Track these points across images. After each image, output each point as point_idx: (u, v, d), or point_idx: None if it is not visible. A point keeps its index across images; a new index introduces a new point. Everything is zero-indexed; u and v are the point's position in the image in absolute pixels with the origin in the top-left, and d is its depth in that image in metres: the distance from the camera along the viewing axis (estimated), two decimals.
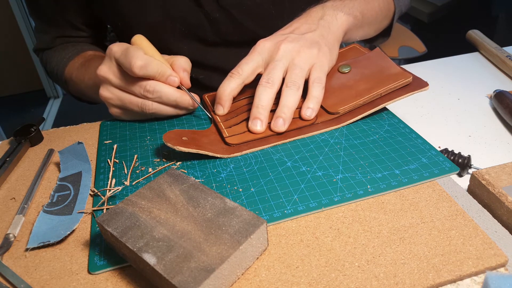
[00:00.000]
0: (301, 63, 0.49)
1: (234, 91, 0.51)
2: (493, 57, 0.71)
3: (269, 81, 0.48)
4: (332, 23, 0.55)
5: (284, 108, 0.48)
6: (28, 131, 0.54)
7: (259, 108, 0.48)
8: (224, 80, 0.51)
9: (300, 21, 0.55)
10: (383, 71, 0.52)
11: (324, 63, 0.51)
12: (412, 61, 1.28)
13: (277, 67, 0.49)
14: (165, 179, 0.38)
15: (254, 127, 0.48)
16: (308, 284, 0.32)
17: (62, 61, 0.69)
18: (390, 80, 0.50)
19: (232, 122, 0.50)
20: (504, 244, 0.35)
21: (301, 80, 0.49)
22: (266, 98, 0.48)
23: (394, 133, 0.48)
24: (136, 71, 0.47)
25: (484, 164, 0.48)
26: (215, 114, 0.52)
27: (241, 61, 0.51)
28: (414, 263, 0.33)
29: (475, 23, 0.88)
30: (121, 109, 0.54)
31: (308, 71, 0.50)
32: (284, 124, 0.48)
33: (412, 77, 0.50)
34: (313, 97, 0.49)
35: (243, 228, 0.33)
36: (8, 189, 0.46)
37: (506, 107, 0.55)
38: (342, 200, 0.39)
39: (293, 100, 0.48)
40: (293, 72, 0.49)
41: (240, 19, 0.65)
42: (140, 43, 0.53)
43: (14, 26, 2.53)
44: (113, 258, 0.35)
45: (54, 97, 2.79)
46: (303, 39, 0.51)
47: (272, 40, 0.52)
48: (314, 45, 0.51)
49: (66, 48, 0.70)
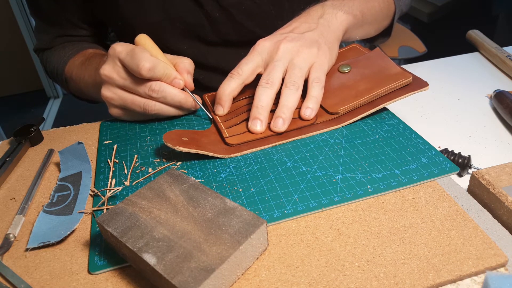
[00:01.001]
0: (300, 63, 0.49)
1: (234, 92, 0.51)
2: (493, 57, 0.71)
3: (268, 82, 0.48)
4: (332, 22, 0.55)
5: (283, 108, 0.48)
6: (28, 131, 0.54)
7: (258, 108, 0.48)
8: (224, 81, 0.51)
9: (299, 20, 0.55)
10: (383, 71, 0.52)
11: (323, 62, 0.51)
12: (412, 61, 1.27)
13: (277, 67, 0.49)
14: (165, 179, 0.38)
15: (254, 127, 0.48)
16: (308, 284, 0.32)
17: (62, 59, 0.68)
18: (390, 80, 0.50)
19: (232, 123, 0.50)
20: (504, 244, 0.35)
21: (300, 80, 0.49)
22: (265, 98, 0.48)
23: (394, 133, 0.48)
24: (144, 73, 0.48)
25: (484, 164, 0.48)
26: (215, 114, 0.52)
27: (240, 61, 0.51)
28: (414, 263, 0.33)
29: (475, 23, 0.88)
30: (122, 110, 0.54)
31: (307, 70, 0.50)
32: (283, 124, 0.48)
33: (412, 77, 0.50)
34: (312, 97, 0.49)
35: (243, 228, 0.33)
36: (8, 189, 0.46)
37: (506, 107, 0.55)
38: (342, 200, 0.39)
39: (292, 100, 0.48)
40: (293, 72, 0.49)
41: (240, 19, 0.65)
42: (144, 43, 0.53)
43: (14, 26, 2.53)
44: (113, 258, 0.35)
45: (54, 97, 2.79)
46: (302, 38, 0.51)
47: (272, 39, 0.52)
48: (314, 44, 0.51)
49: (66, 47, 0.70)
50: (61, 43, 0.71)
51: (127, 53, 0.49)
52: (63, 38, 0.71)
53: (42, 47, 0.73)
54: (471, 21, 1.50)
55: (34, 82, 2.77)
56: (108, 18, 0.68)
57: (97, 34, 0.74)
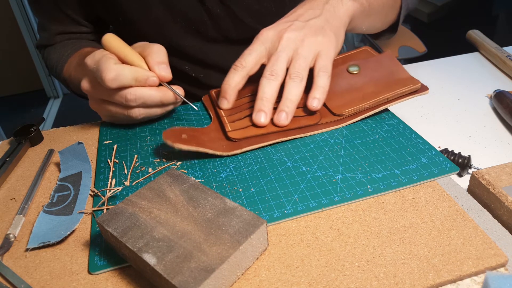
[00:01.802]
0: (305, 52, 0.48)
1: (239, 84, 0.50)
2: (493, 57, 0.71)
3: (272, 73, 0.47)
4: (338, 7, 0.53)
5: (286, 101, 0.47)
6: (28, 131, 0.54)
7: (263, 100, 0.47)
8: (228, 73, 0.50)
9: (304, 7, 0.54)
10: (392, 75, 0.51)
11: (329, 50, 0.49)
12: (412, 61, 1.27)
13: (280, 58, 0.48)
14: (165, 179, 0.38)
15: (258, 119, 0.47)
16: (308, 284, 0.32)
17: (61, 59, 0.68)
18: (399, 85, 0.50)
19: (236, 117, 0.50)
20: (504, 244, 0.35)
21: (304, 71, 0.48)
22: (270, 90, 0.47)
23: (394, 133, 0.48)
24: (109, 84, 0.46)
25: (484, 164, 0.48)
26: (219, 108, 0.52)
27: (244, 52, 0.50)
28: (414, 263, 0.33)
29: (475, 23, 0.88)
30: (113, 117, 0.53)
31: (313, 59, 0.49)
32: (287, 118, 0.47)
33: (420, 84, 0.49)
34: (319, 87, 0.48)
35: (243, 228, 0.33)
36: (8, 189, 0.46)
37: (506, 107, 0.55)
38: (342, 200, 0.39)
39: (296, 93, 0.47)
40: (297, 62, 0.48)
41: (241, 15, 0.65)
42: (109, 44, 0.50)
43: (14, 26, 2.53)
44: (113, 258, 0.35)
45: (54, 97, 2.79)
46: (307, 26, 0.50)
47: (275, 28, 0.50)
48: (319, 32, 0.49)
49: (66, 45, 0.70)
50: (61, 41, 0.71)
51: (94, 65, 0.48)
52: (64, 35, 0.71)
53: (43, 43, 0.73)
54: (471, 21, 1.50)
55: (34, 82, 2.77)
56: (108, 14, 0.67)
57: (98, 31, 0.74)
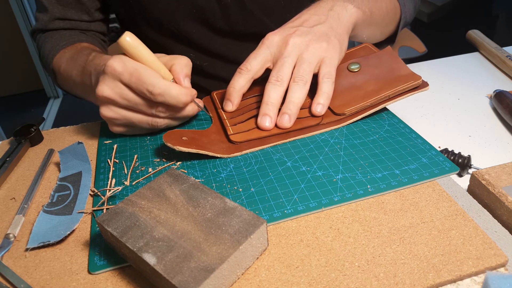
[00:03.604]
0: (309, 57, 0.49)
1: (243, 88, 0.51)
2: (493, 57, 0.71)
3: (278, 79, 0.48)
4: (342, 14, 0.54)
5: (290, 104, 0.48)
6: (28, 131, 0.54)
7: (268, 105, 0.48)
8: (233, 77, 0.51)
9: (309, 13, 0.54)
10: (393, 72, 0.51)
11: (333, 56, 0.50)
12: (412, 61, 1.27)
13: (286, 63, 0.49)
14: (165, 179, 0.38)
15: (263, 124, 0.48)
16: (308, 284, 0.32)
17: (55, 48, 0.65)
18: (400, 81, 0.49)
19: (238, 120, 0.50)
20: (504, 244, 0.35)
21: (308, 75, 0.49)
22: (275, 95, 0.48)
23: (394, 133, 0.48)
24: (157, 99, 0.45)
25: (484, 164, 0.48)
26: (223, 110, 0.52)
27: (249, 56, 0.51)
28: (414, 263, 0.33)
29: (475, 23, 0.88)
30: (126, 127, 0.51)
31: (317, 65, 0.50)
32: (289, 121, 0.48)
33: (421, 79, 0.49)
34: (324, 93, 0.49)
35: (243, 228, 0.33)
36: (8, 189, 0.46)
37: (506, 107, 0.55)
38: (342, 200, 0.39)
39: (299, 96, 0.48)
40: (301, 66, 0.49)
41: (250, 6, 0.65)
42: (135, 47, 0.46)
43: (14, 26, 2.53)
44: (113, 258, 0.35)
45: (54, 97, 2.79)
46: (312, 32, 0.51)
47: (281, 33, 0.51)
48: (323, 38, 0.50)
49: (63, 35, 0.67)
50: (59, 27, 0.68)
51: (130, 74, 0.45)
52: (63, 21, 0.68)
53: (39, 27, 0.69)
54: (471, 21, 1.50)
55: (34, 82, 2.77)
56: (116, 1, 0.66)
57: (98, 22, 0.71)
